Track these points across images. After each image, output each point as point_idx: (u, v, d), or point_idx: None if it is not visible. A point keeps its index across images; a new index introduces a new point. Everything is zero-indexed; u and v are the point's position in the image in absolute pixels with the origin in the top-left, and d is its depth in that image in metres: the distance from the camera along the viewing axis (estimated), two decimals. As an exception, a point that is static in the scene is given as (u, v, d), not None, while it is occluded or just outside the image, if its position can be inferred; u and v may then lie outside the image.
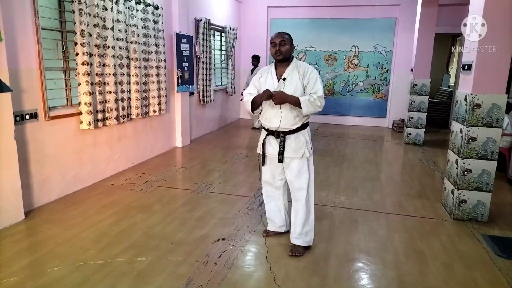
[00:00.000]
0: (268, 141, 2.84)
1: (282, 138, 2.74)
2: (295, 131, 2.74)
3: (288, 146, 2.74)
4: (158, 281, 2.47)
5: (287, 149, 2.75)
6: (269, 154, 2.85)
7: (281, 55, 2.68)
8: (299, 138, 2.75)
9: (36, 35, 3.44)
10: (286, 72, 2.73)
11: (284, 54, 2.68)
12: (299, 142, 2.75)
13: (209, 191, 4.19)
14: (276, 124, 2.72)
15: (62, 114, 3.82)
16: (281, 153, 2.75)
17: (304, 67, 2.74)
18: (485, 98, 3.32)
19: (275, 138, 2.79)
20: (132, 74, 4.79)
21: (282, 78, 2.71)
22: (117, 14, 4.34)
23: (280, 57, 2.69)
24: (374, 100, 8.88)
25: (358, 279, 2.60)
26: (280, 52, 2.67)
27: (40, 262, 2.66)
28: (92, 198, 3.90)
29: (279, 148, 2.75)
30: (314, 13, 8.74)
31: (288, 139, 2.74)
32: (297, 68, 2.73)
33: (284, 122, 2.70)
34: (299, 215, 2.85)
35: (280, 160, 2.77)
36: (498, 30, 3.21)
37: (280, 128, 2.72)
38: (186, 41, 6.13)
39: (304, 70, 2.72)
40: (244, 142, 6.94)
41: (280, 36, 2.69)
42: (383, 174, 5.10)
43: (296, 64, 2.76)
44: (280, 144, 2.75)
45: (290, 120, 2.70)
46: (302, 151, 2.75)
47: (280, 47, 2.67)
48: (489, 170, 3.44)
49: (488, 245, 3.06)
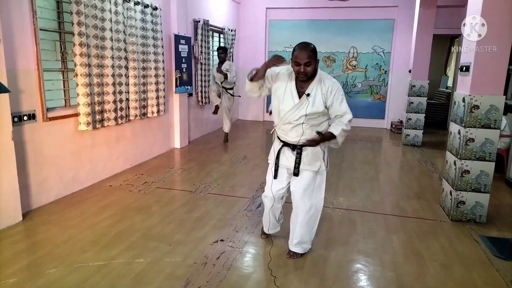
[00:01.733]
0: (283, 152, 2.66)
1: (299, 150, 2.57)
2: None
3: (305, 157, 2.58)
4: (157, 282, 2.47)
5: (303, 161, 2.59)
6: (283, 165, 2.68)
7: (305, 76, 2.43)
8: (316, 149, 2.58)
9: (34, 36, 3.43)
10: (310, 88, 2.49)
11: (309, 74, 2.43)
12: (316, 154, 2.59)
13: (207, 192, 4.19)
14: (294, 138, 2.56)
15: (60, 115, 3.81)
16: (297, 166, 2.59)
17: (327, 85, 2.48)
18: (483, 99, 3.33)
19: (291, 150, 2.62)
20: (130, 75, 4.79)
21: (306, 93, 2.47)
22: (116, 15, 4.34)
23: (305, 78, 2.44)
24: (373, 101, 8.90)
25: (357, 280, 2.60)
26: (305, 73, 2.40)
27: (38, 264, 2.65)
28: (90, 199, 3.89)
29: (295, 161, 2.59)
30: (313, 15, 8.76)
31: (305, 150, 2.58)
32: (320, 85, 2.49)
33: (304, 137, 2.53)
34: (297, 227, 2.74)
35: (296, 174, 2.62)
36: (497, 30, 3.22)
37: (299, 142, 2.56)
38: (184, 42, 6.13)
39: (327, 89, 2.47)
40: (243, 143, 6.93)
41: (305, 54, 2.37)
42: (382, 175, 5.11)
43: (320, 79, 2.50)
44: (296, 157, 2.58)
45: (310, 136, 2.53)
46: (319, 164, 2.60)
47: (305, 68, 2.39)
48: (487, 171, 3.44)
49: (486, 246, 3.07)
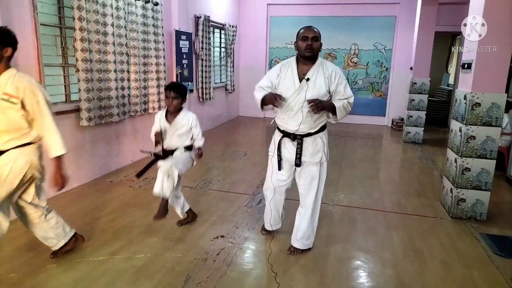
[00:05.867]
0: (284, 144, 2.66)
1: (299, 141, 2.58)
2: (312, 134, 2.59)
3: (305, 149, 2.59)
4: (157, 278, 2.47)
5: (305, 153, 2.60)
6: (285, 157, 2.67)
7: (312, 51, 2.47)
8: (317, 141, 2.60)
9: (35, 31, 3.42)
10: (310, 72, 2.51)
11: (315, 50, 2.48)
12: (317, 145, 2.60)
13: (208, 188, 4.19)
14: (294, 127, 2.56)
15: (61, 111, 3.80)
16: (299, 157, 2.59)
17: (331, 70, 2.53)
18: (484, 97, 3.32)
19: (291, 141, 2.62)
20: (131, 71, 4.78)
21: (306, 78, 2.49)
22: (117, 10, 4.32)
23: (311, 53, 2.47)
24: (374, 98, 8.88)
25: (357, 277, 2.60)
26: (312, 48, 2.46)
27: (38, 259, 2.65)
28: (91, 194, 3.89)
29: (296, 152, 2.60)
30: (314, 11, 8.72)
31: (305, 141, 2.59)
32: (322, 69, 2.52)
33: (303, 126, 2.55)
34: (304, 221, 2.76)
35: (298, 164, 2.62)
36: (498, 30, 3.21)
37: (298, 131, 2.57)
38: (185, 38, 6.11)
39: (331, 73, 2.52)
40: (243, 140, 6.93)
41: (312, 30, 2.47)
42: (382, 173, 5.10)
43: (321, 63, 2.54)
44: (297, 147, 2.59)
45: (309, 124, 2.55)
46: (320, 155, 2.62)
47: (313, 42, 2.45)
48: (488, 169, 3.44)
49: (486, 243, 3.07)
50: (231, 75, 8.51)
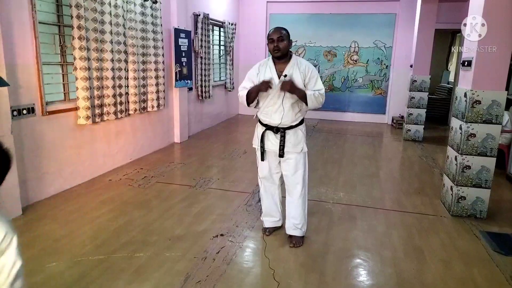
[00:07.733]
0: (267, 136, 2.84)
1: (282, 133, 2.76)
2: (293, 127, 2.77)
3: (288, 141, 2.77)
4: (156, 277, 2.46)
5: (287, 144, 2.77)
6: (268, 149, 2.86)
7: (279, 51, 2.65)
8: (297, 133, 2.79)
9: (33, 29, 3.41)
10: (287, 69, 2.70)
11: (283, 50, 2.66)
12: (298, 137, 2.79)
13: (207, 187, 4.18)
14: (277, 120, 2.74)
15: (59, 109, 3.79)
16: (282, 148, 2.77)
17: (305, 65, 2.74)
18: (484, 94, 3.31)
19: (274, 133, 2.80)
20: (130, 69, 4.76)
21: (284, 74, 2.69)
22: (115, 8, 4.30)
23: (279, 53, 2.66)
24: (374, 96, 8.86)
25: (357, 275, 2.59)
26: (279, 48, 2.64)
27: (37, 258, 2.64)
28: (89, 193, 3.88)
29: (279, 143, 2.77)
30: (314, 8, 8.70)
31: (288, 134, 2.77)
32: (297, 65, 2.72)
33: (286, 119, 2.72)
34: (295, 209, 2.90)
35: (281, 155, 2.79)
36: (498, 29, 3.20)
37: (281, 124, 2.74)
38: (184, 36, 6.09)
39: (305, 68, 2.72)
40: (242, 138, 6.92)
41: (278, 32, 2.65)
42: (382, 171, 5.09)
43: (296, 61, 2.74)
44: (280, 140, 2.77)
45: (291, 117, 2.73)
46: (301, 146, 2.80)
47: (279, 43, 2.64)
48: (488, 167, 3.43)
49: (486, 241, 3.07)
50: (231, 73, 8.49)
